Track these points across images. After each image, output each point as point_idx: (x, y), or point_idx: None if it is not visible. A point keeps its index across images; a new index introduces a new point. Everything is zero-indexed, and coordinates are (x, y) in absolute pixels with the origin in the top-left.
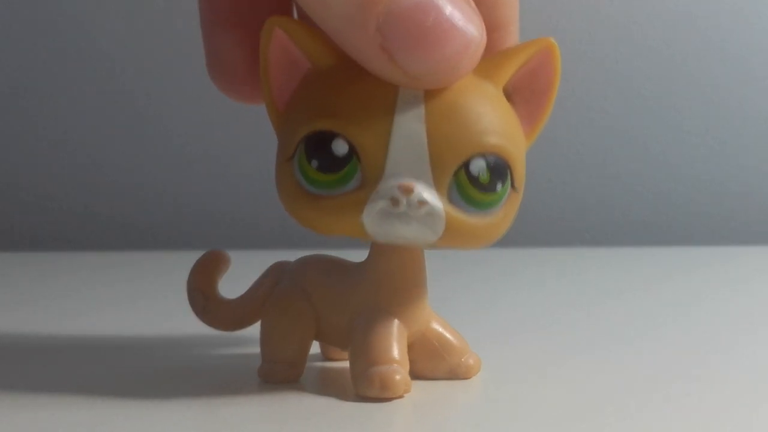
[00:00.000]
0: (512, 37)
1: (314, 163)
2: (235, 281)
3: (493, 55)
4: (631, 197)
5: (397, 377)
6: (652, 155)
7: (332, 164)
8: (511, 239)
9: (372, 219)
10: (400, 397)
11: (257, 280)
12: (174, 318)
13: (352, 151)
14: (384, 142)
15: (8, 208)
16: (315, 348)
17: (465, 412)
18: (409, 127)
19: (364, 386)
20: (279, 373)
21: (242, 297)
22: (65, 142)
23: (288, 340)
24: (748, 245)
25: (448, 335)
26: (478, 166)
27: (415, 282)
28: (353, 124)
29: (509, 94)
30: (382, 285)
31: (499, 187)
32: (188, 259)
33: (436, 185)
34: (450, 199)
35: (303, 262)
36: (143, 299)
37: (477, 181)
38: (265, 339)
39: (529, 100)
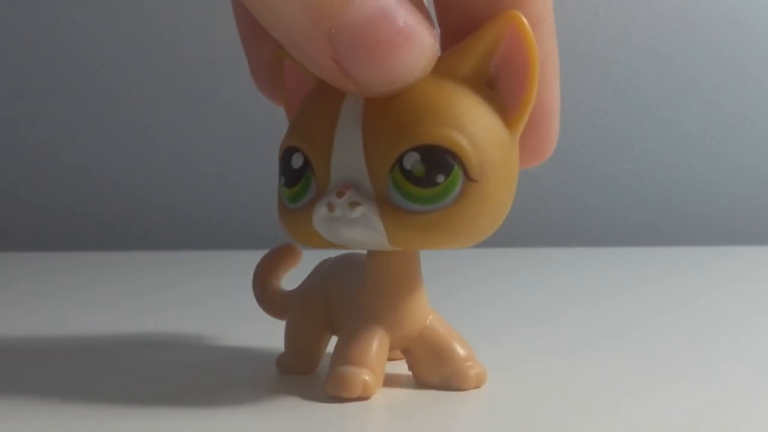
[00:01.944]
0: (547, 33)
1: (282, 179)
2: (233, 281)
3: (451, 47)
4: (631, 198)
5: (357, 378)
6: (652, 155)
7: (293, 178)
8: (511, 239)
9: (319, 227)
10: (359, 398)
11: (309, 274)
12: (172, 318)
13: (307, 163)
14: (328, 149)
15: (8, 208)
16: None
17: (463, 416)
18: (348, 132)
19: (326, 383)
20: (290, 364)
21: (292, 290)
22: (65, 144)
23: (300, 333)
24: (748, 245)
25: (448, 341)
26: (412, 159)
27: (404, 285)
28: (304, 135)
29: (493, 80)
30: (372, 288)
31: (440, 179)
32: (188, 259)
33: (375, 185)
34: (390, 199)
35: (336, 259)
36: (143, 299)
37: (412, 175)
38: (286, 331)
39: (511, 81)
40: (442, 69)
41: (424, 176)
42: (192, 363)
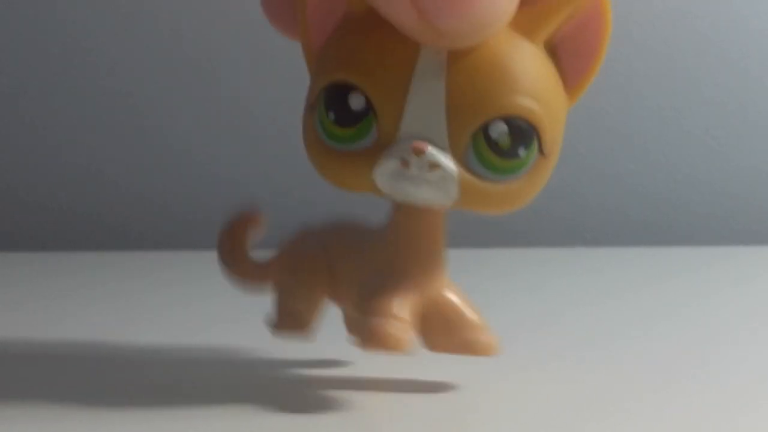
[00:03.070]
0: None
1: (331, 115)
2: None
3: (532, 6)
4: (631, 197)
5: (393, 331)
6: (652, 155)
7: (348, 118)
8: (511, 239)
9: (383, 179)
10: (396, 350)
11: (282, 245)
12: (172, 318)
13: (369, 106)
14: (401, 98)
15: (8, 208)
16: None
17: (464, 417)
18: (429, 85)
19: (363, 337)
20: (287, 323)
21: (266, 259)
22: (65, 144)
23: (299, 290)
24: (748, 245)
25: (464, 309)
26: (499, 130)
27: (431, 247)
28: (372, 78)
29: (554, 47)
30: (399, 247)
31: (522, 152)
32: (188, 259)
33: (452, 147)
34: (466, 163)
35: (329, 223)
36: (142, 299)
37: (496, 145)
38: (277, 288)
39: (575, 54)
40: (523, 31)
41: (509, 148)
42: (190, 365)
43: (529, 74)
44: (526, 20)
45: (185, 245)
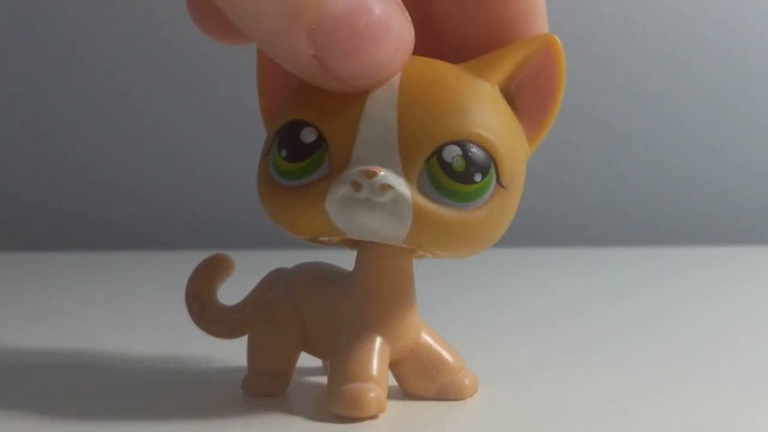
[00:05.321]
0: (538, 27)
1: (283, 152)
2: (234, 282)
3: (488, 53)
4: (631, 197)
5: (370, 395)
6: (652, 155)
7: (300, 152)
8: (511, 239)
9: (335, 207)
10: (373, 417)
11: (254, 288)
12: (171, 319)
13: (321, 139)
14: (352, 128)
15: (7, 208)
16: (315, 362)
17: (464, 418)
18: (380, 113)
19: (335, 403)
20: (263, 385)
21: (238, 304)
22: (65, 144)
23: (273, 351)
24: (748, 245)
25: (440, 352)
26: (453, 153)
27: (401, 295)
28: (323, 112)
29: (512, 96)
30: (367, 297)
31: (478, 178)
32: (187, 259)
33: (406, 172)
34: (420, 188)
35: (297, 269)
36: (141, 300)
37: (450, 168)
38: (250, 349)
39: (532, 101)
40: (478, 73)
41: (463, 171)
42: (190, 365)
43: (483, 107)
44: (480, 64)
45: (185, 245)
